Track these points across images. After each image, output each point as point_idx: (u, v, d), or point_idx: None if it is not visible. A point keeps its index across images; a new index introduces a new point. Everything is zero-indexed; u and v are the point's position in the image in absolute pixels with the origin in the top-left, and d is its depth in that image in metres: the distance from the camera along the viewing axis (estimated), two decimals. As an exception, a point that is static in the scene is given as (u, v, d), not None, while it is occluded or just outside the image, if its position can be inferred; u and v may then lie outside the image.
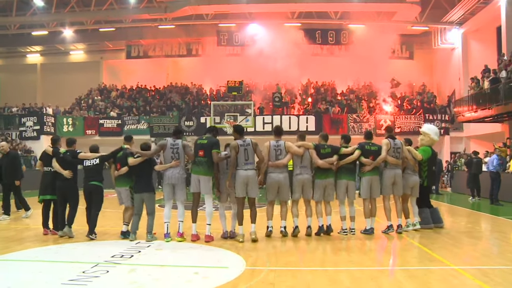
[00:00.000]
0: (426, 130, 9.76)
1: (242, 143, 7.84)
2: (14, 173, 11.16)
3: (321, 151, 8.36)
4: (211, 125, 9.98)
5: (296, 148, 8.15)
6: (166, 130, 26.43)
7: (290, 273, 5.88)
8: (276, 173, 8.04)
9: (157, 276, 5.72)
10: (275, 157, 8.06)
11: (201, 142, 7.99)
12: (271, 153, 8.05)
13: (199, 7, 25.55)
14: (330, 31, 28.80)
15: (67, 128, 27.25)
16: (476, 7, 22.99)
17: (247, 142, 7.88)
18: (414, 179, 9.00)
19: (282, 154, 8.07)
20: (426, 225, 9.19)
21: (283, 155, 8.07)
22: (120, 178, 8.27)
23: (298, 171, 8.25)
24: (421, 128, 10.16)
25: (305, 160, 8.26)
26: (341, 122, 25.76)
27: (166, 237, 7.89)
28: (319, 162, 8.26)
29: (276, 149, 8.08)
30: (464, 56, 25.87)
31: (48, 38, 30.73)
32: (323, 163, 8.26)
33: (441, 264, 6.40)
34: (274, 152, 8.06)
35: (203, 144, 7.93)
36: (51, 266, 6.33)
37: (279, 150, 8.08)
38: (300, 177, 8.22)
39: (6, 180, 11.12)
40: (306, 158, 8.27)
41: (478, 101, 20.57)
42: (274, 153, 8.06)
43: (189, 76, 31.10)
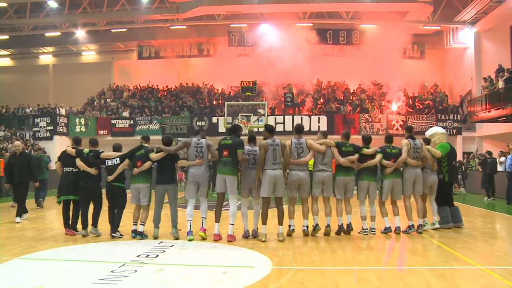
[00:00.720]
0: (430, 133, 9.84)
1: (272, 143, 7.92)
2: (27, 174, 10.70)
3: (343, 149, 8.43)
4: (235, 124, 9.98)
5: (318, 145, 8.21)
6: (178, 130, 26.59)
7: (318, 272, 5.92)
8: (297, 170, 8.10)
9: (185, 276, 5.78)
10: (297, 155, 8.11)
11: (225, 143, 8.08)
12: (292, 151, 8.10)
13: (211, 7, 25.65)
14: (341, 31, 28.81)
15: (80, 129, 27.44)
16: (489, 6, 22.87)
17: (276, 142, 7.97)
18: (432, 178, 9.03)
19: (304, 152, 8.12)
20: (445, 224, 9.17)
21: (305, 152, 8.12)
22: (140, 175, 8.30)
23: (319, 168, 8.29)
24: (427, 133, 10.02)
25: (327, 157, 8.30)
26: (353, 122, 25.73)
27: (189, 235, 7.97)
28: (340, 160, 8.32)
29: (298, 147, 8.12)
30: (477, 55, 25.74)
31: (61, 39, 31.02)
32: (344, 161, 8.33)
33: (466, 264, 6.42)
34: (296, 150, 8.11)
35: (228, 145, 8.03)
36: (78, 265, 6.39)
37: (301, 148, 8.13)
38: (321, 173, 8.27)
39: (18, 180, 10.57)
40: (328, 156, 8.31)
41: (492, 100, 20.44)
42: (296, 151, 8.11)
43: (200, 76, 31.20)
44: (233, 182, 7.98)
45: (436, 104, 26.55)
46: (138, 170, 8.27)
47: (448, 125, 24.85)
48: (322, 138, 8.49)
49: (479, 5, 23.02)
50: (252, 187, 8.15)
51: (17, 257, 6.80)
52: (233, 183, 7.98)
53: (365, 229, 8.51)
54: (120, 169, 8.37)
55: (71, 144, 9.25)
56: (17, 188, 10.72)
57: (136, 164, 8.33)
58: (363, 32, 28.42)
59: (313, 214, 8.27)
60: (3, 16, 27.11)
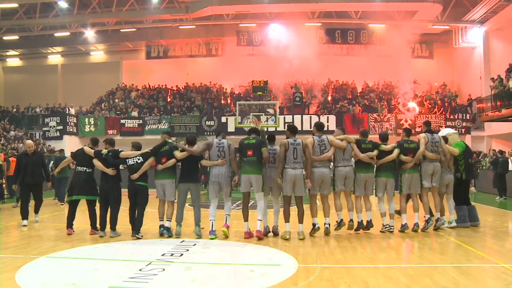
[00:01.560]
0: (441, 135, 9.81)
1: (293, 142, 8.03)
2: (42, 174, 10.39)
3: (362, 146, 8.55)
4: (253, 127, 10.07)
5: (339, 142, 8.33)
6: (187, 130, 26.71)
7: (344, 270, 5.98)
8: (319, 167, 8.18)
9: (214, 274, 5.86)
10: (320, 152, 8.21)
11: (249, 142, 8.19)
12: (315, 148, 8.19)
13: (220, 7, 25.72)
14: (350, 31, 28.84)
15: (89, 128, 27.62)
16: (499, 5, 22.83)
17: (297, 141, 8.08)
18: (449, 177, 9.11)
19: (326, 149, 8.23)
20: (462, 223, 9.23)
21: (328, 149, 8.23)
22: (164, 171, 8.37)
23: (340, 164, 8.39)
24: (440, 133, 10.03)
25: (347, 153, 8.42)
26: (362, 122, 25.78)
27: (211, 234, 8.06)
28: (360, 156, 8.44)
29: (320, 144, 8.22)
30: (486, 55, 25.72)
31: (69, 39, 31.22)
32: (364, 156, 8.45)
33: (488, 262, 6.49)
34: (319, 147, 8.21)
35: (252, 144, 8.14)
36: (105, 264, 6.50)
37: (323, 145, 8.23)
38: (342, 169, 8.38)
39: (33, 180, 10.15)
40: (348, 151, 8.43)
41: (502, 100, 20.45)
42: (318, 148, 8.21)
43: (209, 76, 31.30)
44: (259, 181, 8.09)
45: (445, 103, 26.54)
46: (162, 166, 8.35)
47: (456, 125, 24.90)
48: (341, 134, 8.60)
49: (488, 4, 22.99)
50: (272, 185, 8.26)
51: (43, 255, 6.89)
52: (259, 181, 8.09)
53: (385, 225, 8.59)
54: (146, 167, 8.40)
55: (88, 144, 9.21)
56: (33, 189, 10.19)
57: (161, 160, 8.39)
58: (372, 32, 28.48)
59: (336, 209, 8.40)
60: (13, 17, 27.27)
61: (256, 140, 8.19)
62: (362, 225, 8.50)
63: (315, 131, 8.45)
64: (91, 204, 8.82)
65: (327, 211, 8.34)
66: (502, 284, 5.35)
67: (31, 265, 6.28)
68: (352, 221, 8.40)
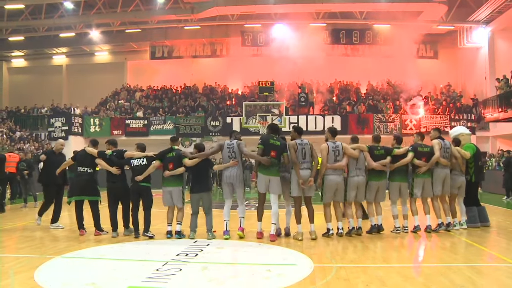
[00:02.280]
0: (456, 133, 9.87)
1: (301, 142, 8.07)
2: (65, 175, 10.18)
3: (375, 152, 8.53)
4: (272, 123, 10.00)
5: (351, 151, 8.29)
6: (192, 130, 26.80)
7: (360, 269, 6.03)
8: (335, 175, 8.17)
9: (231, 274, 5.92)
10: (334, 159, 8.17)
11: (274, 143, 8.10)
12: (330, 155, 8.16)
13: (226, 7, 25.79)
14: (355, 31, 28.92)
15: (94, 129, 27.69)
16: (505, 5, 22.84)
17: (304, 142, 8.11)
18: (461, 180, 9.11)
19: (340, 155, 8.20)
20: (473, 224, 9.26)
21: (341, 156, 8.21)
22: (172, 178, 8.29)
23: (354, 173, 8.36)
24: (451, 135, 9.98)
25: (360, 162, 8.37)
26: (367, 122, 25.81)
27: (225, 234, 8.12)
28: (373, 165, 8.41)
29: (334, 150, 8.19)
30: (491, 55, 25.74)
31: (74, 39, 31.31)
32: (377, 165, 8.42)
33: (502, 261, 6.53)
34: (333, 154, 8.17)
35: (276, 146, 8.07)
36: (122, 264, 6.55)
37: (337, 151, 8.20)
38: (356, 178, 8.34)
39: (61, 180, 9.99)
40: (361, 160, 8.38)
41: (508, 100, 20.47)
42: (332, 154, 8.17)
43: (213, 76, 31.37)
44: (278, 183, 8.09)
45: (450, 104, 26.56)
46: (170, 173, 8.26)
47: (461, 125, 24.83)
48: (353, 143, 8.56)
49: (494, 4, 23.02)
50: (283, 185, 8.28)
51: (59, 255, 6.94)
52: (278, 183, 8.09)
53: (397, 227, 8.61)
54: (151, 170, 8.40)
55: (88, 145, 9.21)
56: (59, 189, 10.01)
57: (167, 166, 8.32)
58: (376, 32, 28.57)
59: (347, 217, 8.36)
60: (19, 18, 27.38)
61: (280, 143, 8.12)
62: (375, 228, 8.50)
63: (329, 136, 8.41)
64: (93, 204, 8.80)
65: (340, 216, 8.32)
66: (518, 284, 5.40)
67: (48, 265, 6.34)
68: (361, 228, 8.38)
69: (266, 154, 8.03)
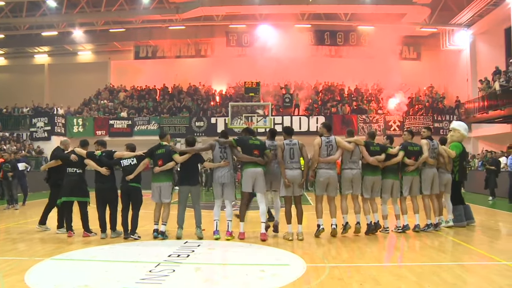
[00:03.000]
0: (456, 126, 10.03)
1: (289, 143, 8.11)
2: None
3: (371, 148, 8.55)
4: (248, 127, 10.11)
5: (345, 143, 8.29)
6: (176, 131, 26.66)
7: (353, 269, 6.09)
8: (326, 169, 8.18)
9: (225, 274, 5.92)
10: (327, 153, 8.18)
11: (254, 143, 8.22)
12: (322, 150, 8.17)
13: (211, 8, 25.79)
14: (339, 33, 29.15)
15: (77, 129, 27.41)
16: (486, 9, 23.35)
17: (293, 142, 8.16)
18: (447, 177, 9.29)
19: (333, 149, 8.20)
20: (459, 222, 9.42)
21: (335, 151, 8.20)
22: (161, 173, 8.25)
23: (348, 166, 8.37)
24: (452, 124, 10.34)
25: (355, 155, 8.38)
26: (351, 123, 26.00)
27: (215, 233, 8.11)
28: (369, 159, 8.43)
29: (327, 145, 8.19)
30: (472, 57, 26.23)
31: (57, 38, 30.94)
32: (373, 160, 8.45)
33: (491, 260, 6.65)
34: (326, 149, 8.18)
35: (257, 145, 8.20)
36: (114, 265, 6.47)
37: (331, 146, 8.20)
38: (349, 171, 8.35)
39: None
40: (356, 154, 8.39)
41: (490, 101, 20.88)
42: (326, 149, 8.18)
43: (198, 76, 31.32)
44: (263, 180, 8.17)
45: (433, 105, 26.94)
46: (159, 169, 8.22)
47: (444, 126, 25.30)
48: (349, 137, 8.60)
49: (475, 8, 23.49)
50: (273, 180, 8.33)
51: (48, 257, 6.85)
52: (263, 181, 8.16)
53: (386, 227, 8.68)
54: (140, 168, 8.37)
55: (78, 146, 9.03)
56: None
57: (157, 162, 8.30)
58: (360, 34, 28.86)
59: (342, 212, 8.35)
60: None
61: (260, 142, 8.27)
62: (372, 226, 8.45)
63: (324, 132, 8.41)
64: (82, 205, 8.69)
65: (333, 212, 8.29)
66: (508, 281, 5.48)
67: (38, 267, 6.24)
68: (359, 223, 8.33)
69: (248, 154, 8.15)
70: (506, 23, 22.67)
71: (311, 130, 25.44)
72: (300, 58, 27.40)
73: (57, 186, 9.09)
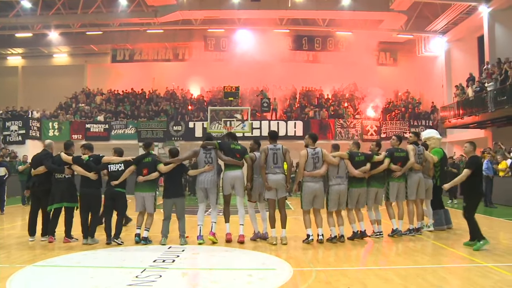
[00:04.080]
0: (427, 135, 10.22)
1: (273, 147, 8.14)
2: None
3: (355, 159, 8.50)
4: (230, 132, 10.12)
5: (331, 158, 8.23)
6: (154, 135, 26.37)
7: (339, 272, 6.14)
8: (313, 182, 8.12)
9: (213, 279, 5.88)
10: (313, 165, 8.11)
11: (235, 147, 8.32)
12: (308, 162, 8.11)
13: (189, 12, 25.65)
14: (317, 38, 29.38)
15: (53, 133, 26.80)
16: (459, 17, 23.96)
17: (277, 147, 8.19)
18: (429, 183, 9.43)
19: (319, 162, 8.13)
20: (440, 226, 9.62)
21: (321, 163, 8.14)
22: (145, 183, 8.22)
23: (334, 182, 8.28)
24: (423, 136, 10.36)
25: (341, 170, 8.32)
26: (329, 127, 26.20)
27: (199, 239, 8.11)
28: (355, 173, 8.37)
29: (314, 157, 8.14)
30: (447, 63, 26.81)
31: (31, 40, 30.17)
32: (358, 173, 8.40)
33: (472, 262, 6.80)
34: (312, 161, 8.12)
35: (238, 150, 8.29)
36: (99, 271, 6.38)
37: (317, 158, 8.14)
38: (337, 187, 8.26)
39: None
40: (342, 168, 8.33)
41: (464, 107, 21.41)
42: (312, 161, 8.12)
43: (175, 80, 31.09)
44: (242, 183, 8.33)
45: (409, 110, 27.40)
46: (143, 178, 8.19)
47: (420, 131, 25.59)
48: (334, 151, 8.53)
49: (449, 16, 24.07)
50: (262, 192, 8.36)
51: (30, 264, 6.71)
52: (242, 184, 8.33)
53: (376, 232, 8.71)
54: (126, 175, 8.30)
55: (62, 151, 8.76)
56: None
57: (142, 171, 8.25)
58: (338, 39, 29.15)
59: (329, 225, 8.29)
60: (-31, 15, 26.22)
61: (241, 147, 8.37)
62: (357, 235, 8.44)
63: (310, 142, 8.34)
64: (69, 211, 8.54)
65: (320, 223, 8.23)
66: (490, 282, 5.63)
67: (20, 274, 6.11)
68: (343, 236, 8.28)
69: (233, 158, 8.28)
70: (479, 32, 23.30)
71: (289, 134, 25.59)
72: (278, 63, 27.52)
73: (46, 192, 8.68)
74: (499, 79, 18.81)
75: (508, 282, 5.69)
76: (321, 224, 8.26)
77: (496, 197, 15.26)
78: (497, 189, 15.35)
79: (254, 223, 8.51)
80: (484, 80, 20.59)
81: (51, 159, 8.65)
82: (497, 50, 21.20)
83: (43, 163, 8.59)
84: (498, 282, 5.65)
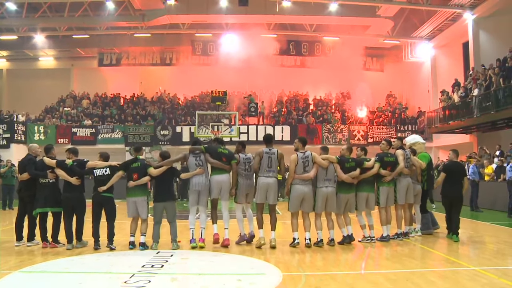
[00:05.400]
0: (412, 141, 10.25)
1: (268, 151, 8.17)
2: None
3: (346, 165, 8.47)
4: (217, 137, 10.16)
5: (321, 160, 8.24)
6: (141, 139, 26.17)
7: (329, 277, 6.15)
8: (302, 185, 8.13)
9: (203, 284, 5.85)
10: (303, 169, 8.12)
11: (222, 151, 8.35)
12: (299, 166, 8.12)
13: (177, 16, 25.62)
14: (304, 43, 29.52)
15: (39, 137, 26.48)
16: (445, 23, 24.27)
17: (272, 151, 8.21)
18: (418, 188, 9.46)
19: (309, 165, 8.14)
20: (427, 230, 9.70)
21: (311, 166, 8.15)
22: (136, 188, 8.12)
23: (322, 184, 8.28)
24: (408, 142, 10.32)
25: (330, 173, 8.32)
26: (316, 132, 26.30)
27: (192, 242, 8.08)
28: (343, 177, 8.36)
29: (304, 161, 8.15)
30: (433, 69, 27.11)
31: (16, 43, 29.78)
32: (347, 177, 8.39)
33: (460, 265, 6.88)
34: (302, 165, 8.13)
35: (225, 154, 8.32)
36: (87, 277, 6.32)
37: (307, 161, 8.15)
38: (324, 189, 8.26)
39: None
40: (331, 171, 8.33)
41: (450, 112, 21.67)
42: (301, 165, 8.13)
43: (163, 85, 31.01)
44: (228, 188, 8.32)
45: (395, 115, 27.62)
46: (134, 183, 8.10)
47: (407, 135, 25.87)
48: (323, 153, 8.55)
49: (435, 22, 24.38)
50: (249, 192, 8.41)
51: (16, 270, 6.61)
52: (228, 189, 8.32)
53: (367, 237, 8.71)
54: (114, 180, 8.23)
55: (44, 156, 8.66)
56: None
57: (131, 176, 8.17)
58: (325, 44, 29.31)
59: (316, 229, 8.28)
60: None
61: (228, 151, 8.39)
62: (347, 238, 8.45)
63: (300, 146, 8.36)
64: (56, 216, 8.45)
65: (308, 227, 8.24)
66: (478, 285, 5.69)
67: (7, 280, 6.04)
68: (333, 240, 8.28)
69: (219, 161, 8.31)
70: (464, 38, 23.62)
71: (276, 139, 25.51)
72: (266, 67, 27.55)
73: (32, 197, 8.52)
74: (484, 84, 19.07)
75: (495, 285, 5.76)
76: (309, 228, 8.27)
77: (482, 201, 15.43)
78: (482, 193, 15.51)
79: (241, 226, 8.50)
80: (469, 85, 20.88)
81: (34, 164, 8.52)
82: (482, 56, 21.50)
83: (26, 169, 8.48)
84: (486, 285, 5.72)
